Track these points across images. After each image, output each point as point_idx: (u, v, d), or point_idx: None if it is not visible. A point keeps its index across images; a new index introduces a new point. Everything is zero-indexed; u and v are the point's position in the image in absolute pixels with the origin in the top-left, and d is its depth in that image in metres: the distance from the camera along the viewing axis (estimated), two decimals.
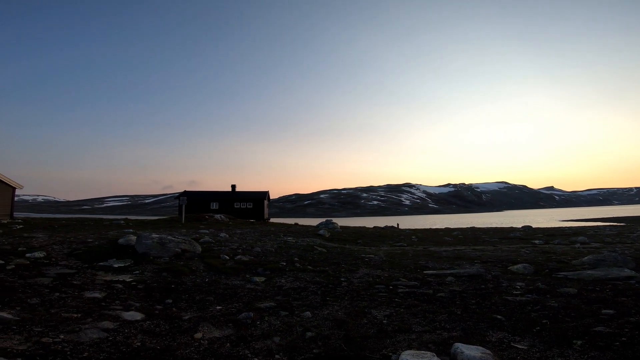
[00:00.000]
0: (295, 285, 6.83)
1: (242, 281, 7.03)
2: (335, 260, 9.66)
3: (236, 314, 4.84)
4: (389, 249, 13.37)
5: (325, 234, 17.53)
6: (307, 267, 8.55)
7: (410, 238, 18.54)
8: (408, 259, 10.19)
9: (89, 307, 4.79)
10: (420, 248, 13.56)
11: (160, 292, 5.87)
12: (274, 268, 8.15)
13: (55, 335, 3.64)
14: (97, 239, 11.22)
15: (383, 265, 9.00)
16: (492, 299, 5.76)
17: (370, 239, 17.82)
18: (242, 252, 10.18)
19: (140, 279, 6.73)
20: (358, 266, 8.86)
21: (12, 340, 3.39)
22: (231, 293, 6.08)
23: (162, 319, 4.49)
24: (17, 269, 6.74)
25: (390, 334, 4.22)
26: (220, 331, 4.22)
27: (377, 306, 5.46)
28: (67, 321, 4.15)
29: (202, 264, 8.27)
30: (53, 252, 8.69)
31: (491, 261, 9.60)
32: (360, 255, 10.77)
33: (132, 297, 5.53)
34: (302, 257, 10.01)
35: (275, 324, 4.53)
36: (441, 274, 7.82)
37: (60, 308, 4.66)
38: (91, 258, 8.35)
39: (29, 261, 7.55)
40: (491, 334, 4.19)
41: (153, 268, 7.64)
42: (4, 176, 22.64)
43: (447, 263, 9.40)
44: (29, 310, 4.44)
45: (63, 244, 9.86)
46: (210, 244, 11.29)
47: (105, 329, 3.96)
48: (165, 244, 9.17)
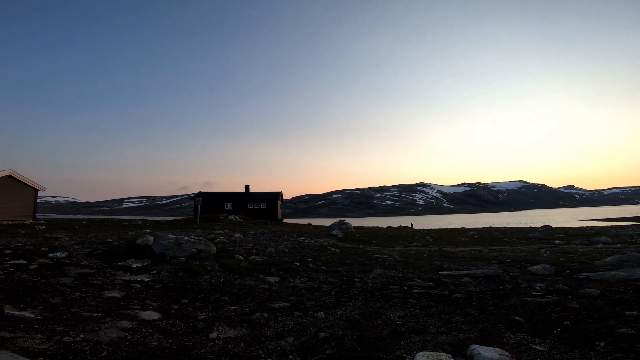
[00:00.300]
0: (309, 285, 6.83)
1: (256, 281, 7.08)
2: (349, 261, 9.62)
3: (250, 314, 4.88)
4: (403, 249, 13.23)
5: (339, 235, 17.49)
6: (320, 267, 8.54)
7: (425, 238, 18.29)
8: (423, 259, 10.06)
9: (108, 307, 4.91)
10: (435, 248, 13.37)
11: (177, 292, 5.97)
12: (287, 268, 8.18)
13: (75, 335, 3.74)
14: (116, 239, 11.51)
15: (397, 266, 8.91)
16: (511, 300, 5.62)
17: (384, 239, 17.68)
18: (256, 252, 10.26)
19: (157, 278, 6.87)
20: (372, 267, 8.81)
21: (34, 340, 3.50)
22: (245, 293, 6.14)
23: (178, 319, 4.57)
24: (39, 269, 6.98)
25: (405, 335, 4.18)
26: (235, 331, 4.26)
27: (391, 307, 5.41)
28: (88, 320, 4.27)
29: (217, 264, 8.38)
30: (74, 252, 8.95)
31: (509, 262, 9.38)
32: (374, 255, 10.69)
33: (149, 296, 5.64)
34: (316, 257, 10.01)
35: (288, 324, 4.54)
36: (457, 275, 7.69)
37: (81, 307, 4.80)
38: (110, 258, 8.57)
39: (51, 261, 7.81)
40: (509, 336, 4.10)
41: (169, 268, 7.78)
42: (26, 178, 23.43)
43: (463, 263, 9.24)
44: (51, 310, 4.58)
45: (84, 244, 10.15)
46: (225, 244, 11.42)
47: (124, 329, 4.05)
48: (181, 244, 9.33)
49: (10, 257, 7.86)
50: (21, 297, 5.06)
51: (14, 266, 7.03)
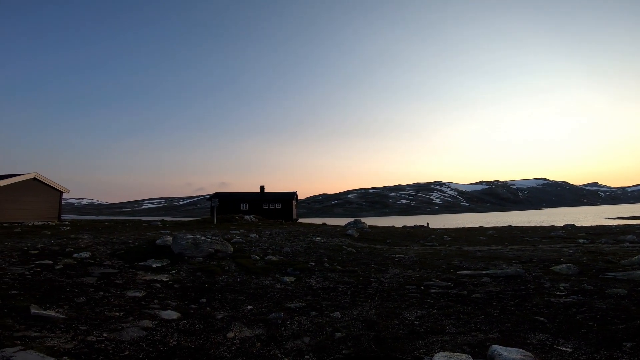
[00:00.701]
0: (325, 285, 6.83)
1: (272, 281, 7.13)
2: (365, 261, 9.57)
3: (267, 314, 4.91)
4: (419, 248, 13.07)
5: (354, 234, 17.42)
6: (336, 267, 8.53)
7: (442, 237, 18.00)
8: (440, 259, 9.91)
9: (130, 306, 5.04)
10: (452, 248, 13.14)
11: (195, 292, 6.07)
12: (303, 268, 8.20)
13: (99, 334, 3.85)
14: (136, 239, 11.81)
15: (414, 266, 8.80)
16: (533, 301, 5.47)
17: (400, 238, 17.50)
18: (271, 252, 10.33)
19: (176, 278, 7.01)
20: (388, 266, 8.73)
21: (60, 339, 3.62)
22: (262, 293, 6.19)
23: (196, 318, 4.65)
24: (65, 269, 7.23)
25: (423, 335, 4.12)
26: (252, 331, 4.30)
27: (408, 307, 5.34)
28: (110, 320, 4.39)
29: (234, 264, 8.48)
30: (97, 252, 9.23)
31: (531, 261, 9.13)
32: (390, 255, 10.60)
33: (169, 296, 5.76)
34: (331, 257, 10.00)
35: (304, 324, 4.55)
36: (476, 275, 7.53)
37: (104, 307, 4.94)
38: (132, 258, 8.80)
39: (75, 261, 8.08)
40: (532, 336, 3.99)
41: (188, 268, 7.92)
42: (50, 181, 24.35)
43: (482, 263, 9.04)
44: (76, 309, 4.73)
45: (106, 245, 10.46)
46: (241, 244, 11.55)
47: (145, 328, 4.14)
48: (199, 244, 9.49)
49: (36, 257, 8.18)
50: (47, 296, 5.25)
51: (40, 266, 7.30)
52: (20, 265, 7.24)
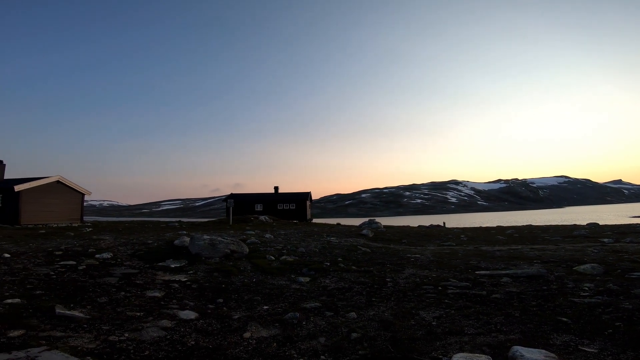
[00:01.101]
0: (340, 285, 6.81)
1: (287, 281, 7.16)
2: (380, 261, 9.50)
3: (282, 314, 4.93)
4: (436, 248, 12.88)
5: (369, 234, 17.33)
6: (351, 267, 8.50)
7: (459, 237, 17.69)
8: (457, 258, 9.74)
9: (150, 306, 5.15)
10: (470, 247, 12.90)
11: (212, 292, 6.17)
12: (318, 268, 8.21)
13: (120, 334, 3.95)
14: (155, 240, 12.08)
15: (430, 266, 8.68)
16: (556, 301, 5.32)
17: (416, 238, 17.30)
18: (286, 252, 10.38)
19: (194, 278, 7.13)
20: (404, 266, 8.64)
21: (83, 339, 3.73)
22: (277, 293, 6.23)
23: (214, 318, 4.71)
24: (87, 269, 7.46)
25: (440, 336, 4.06)
26: (268, 331, 4.33)
27: (425, 307, 5.28)
28: (131, 319, 4.50)
29: (250, 265, 8.56)
30: (118, 253, 9.49)
31: (553, 261, 8.87)
32: (405, 255, 10.49)
33: (187, 296, 5.87)
34: (346, 257, 9.97)
35: (320, 325, 4.55)
36: (495, 275, 7.37)
37: (125, 307, 5.07)
38: (151, 258, 9.00)
39: (98, 262, 8.32)
40: (555, 337, 3.88)
41: (205, 268, 8.05)
42: (73, 183, 25.20)
43: (501, 263, 8.84)
44: (98, 309, 4.87)
45: (127, 245, 10.74)
46: (257, 244, 11.66)
47: (164, 328, 4.23)
48: (216, 245, 9.63)
49: (60, 258, 8.47)
50: (71, 296, 5.43)
51: (64, 267, 7.56)
52: (45, 266, 7.51)
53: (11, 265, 7.41)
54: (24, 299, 5.05)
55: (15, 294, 5.28)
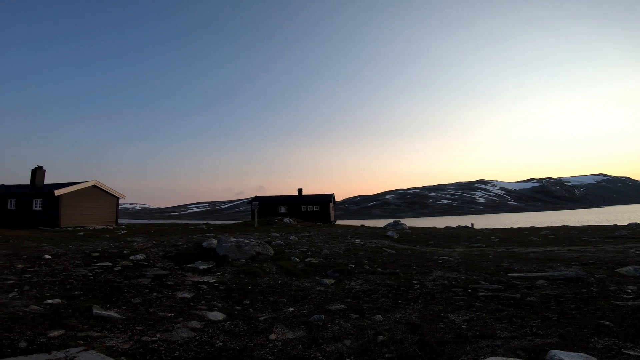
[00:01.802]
0: (365, 287, 6.74)
1: (312, 283, 7.17)
2: (406, 263, 9.32)
3: (308, 316, 4.94)
4: (464, 250, 12.49)
5: (394, 235, 17.08)
6: (376, 269, 8.39)
7: (489, 238, 17.08)
8: (488, 260, 9.40)
9: (180, 307, 5.31)
10: (502, 249, 12.41)
11: (239, 293, 6.27)
12: (343, 270, 8.17)
13: (152, 334, 4.09)
14: (185, 242, 12.47)
15: (459, 268, 8.43)
16: (597, 304, 5.03)
17: (443, 239, 16.86)
18: (311, 254, 10.41)
19: (221, 280, 7.28)
20: (431, 268, 8.43)
21: (118, 339, 3.88)
22: (302, 295, 6.24)
23: (240, 320, 4.78)
24: (122, 270, 7.80)
25: (471, 340, 3.92)
26: (293, 332, 4.34)
27: (454, 310, 5.12)
28: (163, 320, 4.64)
29: (275, 266, 8.64)
30: (151, 254, 9.86)
31: (593, 263, 8.39)
32: (432, 257, 10.24)
33: (215, 297, 6.00)
34: (371, 259, 9.87)
35: (345, 327, 4.51)
36: (530, 277, 7.05)
37: (157, 307, 5.24)
38: (181, 260, 9.30)
39: (132, 263, 8.69)
40: (596, 341, 3.68)
41: (232, 270, 8.21)
42: (109, 187, 26.43)
43: (536, 265, 8.45)
44: (132, 310, 5.07)
45: (158, 247, 11.15)
46: (281, 246, 11.77)
47: (193, 329, 4.34)
48: (242, 247, 9.81)
49: (97, 259, 8.90)
50: (107, 297, 5.68)
51: (101, 268, 7.94)
52: (83, 267, 7.92)
53: (52, 266, 7.87)
54: (64, 299, 5.34)
55: (55, 295, 5.59)
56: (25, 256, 9.03)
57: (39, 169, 24.86)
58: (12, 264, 7.94)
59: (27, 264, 8.03)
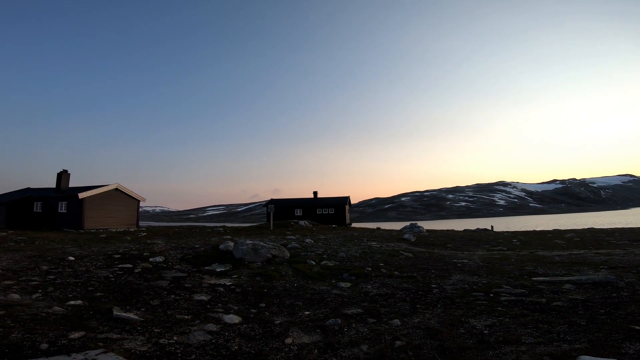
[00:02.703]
0: (382, 291, 6.62)
1: (328, 286, 7.10)
2: (424, 266, 9.13)
3: (324, 320, 4.87)
4: (485, 253, 12.14)
5: (411, 238, 16.80)
6: (393, 272, 8.24)
7: (511, 241, 16.57)
8: (510, 264, 9.09)
9: (197, 310, 5.34)
10: (524, 252, 12.00)
11: (255, 296, 6.27)
12: (359, 273, 8.06)
13: (170, 337, 4.11)
14: (202, 245, 12.62)
15: (480, 271, 8.18)
16: (628, 309, 4.78)
17: (462, 242, 16.46)
18: (327, 257, 10.34)
19: (237, 282, 7.31)
20: (450, 272, 8.22)
21: (136, 341, 3.92)
22: (318, 298, 6.18)
23: (256, 323, 4.76)
24: (142, 272, 7.94)
25: (494, 345, 3.77)
26: (309, 337, 4.29)
27: (475, 315, 4.96)
28: (180, 322, 4.68)
29: (291, 269, 8.62)
30: (169, 256, 10.02)
31: (622, 267, 7.99)
32: (451, 260, 9.99)
33: (231, 300, 6.01)
34: (388, 262, 9.71)
35: (362, 332, 4.42)
36: (556, 281, 6.77)
37: (175, 310, 5.29)
38: (198, 262, 9.41)
39: (151, 265, 8.84)
40: (628, 346, 3.50)
41: (248, 272, 8.23)
42: (130, 190, 27.11)
43: (562, 269, 8.12)
44: (151, 312, 5.13)
45: (177, 250, 11.32)
46: (297, 249, 11.74)
47: (210, 332, 4.34)
48: (258, 249, 9.84)
49: (119, 261, 9.11)
50: (127, 299, 5.78)
51: (122, 269, 8.11)
52: (105, 269, 8.10)
53: (75, 267, 8.10)
54: (86, 301, 5.46)
55: (77, 296, 5.73)
56: (50, 257, 9.33)
57: (64, 173, 25.78)
58: (37, 265, 8.21)
59: (52, 265, 8.28)
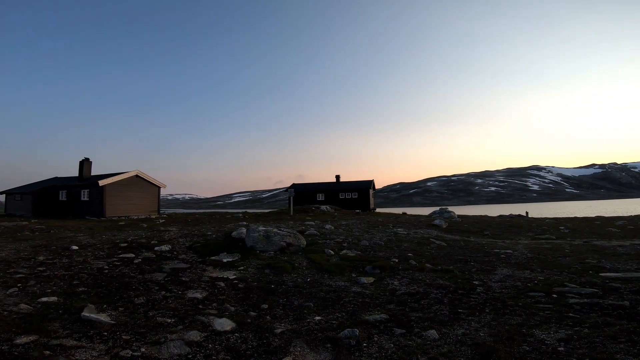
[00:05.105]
0: (412, 289, 5.46)
1: (347, 282, 6.01)
2: (461, 257, 7.84)
3: (337, 330, 3.80)
4: (530, 242, 10.62)
5: (442, 225, 15.37)
6: (424, 265, 7.04)
7: (558, 229, 14.78)
8: (566, 255, 7.65)
9: (185, 311, 4.42)
10: (578, 242, 10.39)
11: (258, 294, 5.28)
12: (384, 266, 6.92)
13: (137, 347, 3.22)
14: (215, 232, 11.87)
15: (530, 265, 6.84)
16: None
17: (500, 229, 14.86)
18: (347, 246, 9.25)
19: (242, 276, 6.38)
20: (494, 265, 6.92)
21: (93, 351, 3.07)
22: (334, 298, 5.10)
23: (251, 332, 3.76)
24: (141, 263, 7.18)
25: None
26: (315, 354, 3.24)
27: (540, 324, 3.75)
28: (158, 328, 3.77)
29: (305, 260, 7.61)
30: (177, 245, 9.28)
31: None
32: (492, 250, 8.63)
33: (230, 298, 5.06)
34: (418, 252, 8.48)
35: (387, 348, 3.33)
36: (632, 278, 5.38)
37: (159, 310, 4.40)
38: (206, 252, 8.59)
39: (155, 254, 8.10)
40: None
41: (257, 264, 7.31)
42: (150, 177, 26.84)
43: (631, 262, 6.66)
44: (129, 312, 4.26)
45: (187, 237, 10.60)
46: (315, 236, 10.73)
47: (190, 342, 3.40)
48: (271, 237, 8.90)
49: (123, 250, 8.44)
50: (111, 295, 4.97)
51: (121, 260, 7.39)
52: (104, 259, 7.41)
53: (73, 258, 7.45)
54: (62, 297, 4.69)
55: (56, 291, 4.97)
56: (54, 247, 8.81)
57: (86, 161, 25.93)
58: (36, 255, 7.64)
59: (50, 255, 7.70)
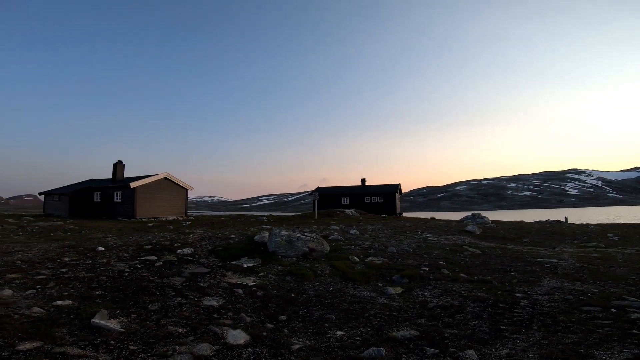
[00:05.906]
0: (446, 301, 4.94)
1: (372, 292, 5.55)
2: (499, 266, 7.16)
3: (360, 348, 3.38)
4: (576, 250, 9.67)
5: (476, 231, 14.47)
6: (458, 274, 6.45)
7: (606, 236, 13.50)
8: (620, 265, 6.81)
9: (199, 319, 4.16)
10: (631, 250, 9.35)
11: (277, 304, 4.94)
12: (413, 275, 6.40)
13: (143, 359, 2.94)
14: (238, 235, 11.75)
15: (580, 275, 6.10)
16: None
17: (540, 237, 13.77)
18: (373, 252, 8.76)
19: (262, 283, 6.08)
20: (538, 275, 6.23)
21: None
22: (358, 310, 4.67)
23: (267, 346, 3.42)
24: (162, 266, 7.07)
25: None
26: None
27: (600, 343, 3.20)
28: (168, 338, 3.51)
29: (329, 267, 7.22)
30: (199, 248, 9.18)
31: None
32: (535, 259, 7.86)
33: (247, 307, 4.76)
34: (450, 260, 7.86)
35: None
36: None
37: (172, 318, 4.16)
38: (227, 256, 8.41)
39: (177, 257, 8.01)
40: None
41: (278, 270, 7.01)
42: (178, 179, 27.33)
43: None
44: (141, 320, 4.05)
45: (209, 240, 10.52)
46: (339, 242, 10.32)
47: (198, 357, 3.10)
48: (293, 242, 8.60)
49: (147, 252, 8.42)
50: (126, 300, 4.81)
51: (143, 262, 7.32)
52: (126, 261, 7.38)
53: (96, 259, 7.47)
54: (77, 301, 4.57)
55: (73, 294, 4.88)
56: (82, 248, 8.94)
57: (119, 163, 26.87)
58: (62, 256, 7.74)
59: (76, 256, 7.77)
